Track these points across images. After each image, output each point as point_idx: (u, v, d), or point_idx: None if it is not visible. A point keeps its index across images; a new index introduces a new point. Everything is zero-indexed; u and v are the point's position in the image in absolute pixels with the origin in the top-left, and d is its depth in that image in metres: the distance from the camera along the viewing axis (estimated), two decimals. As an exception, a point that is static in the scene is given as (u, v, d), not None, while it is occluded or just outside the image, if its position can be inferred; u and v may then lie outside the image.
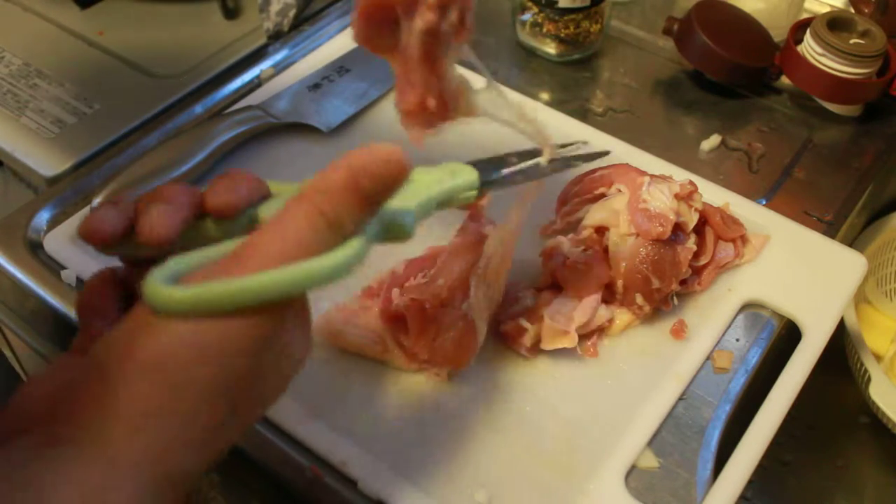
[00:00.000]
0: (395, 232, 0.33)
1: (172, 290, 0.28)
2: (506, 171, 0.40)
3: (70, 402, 0.28)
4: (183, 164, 0.57)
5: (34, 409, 0.29)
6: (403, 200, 0.33)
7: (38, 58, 0.70)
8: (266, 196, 0.34)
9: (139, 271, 0.32)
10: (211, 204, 0.33)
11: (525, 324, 0.48)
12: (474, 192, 0.37)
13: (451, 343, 0.47)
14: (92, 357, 0.30)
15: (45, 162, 0.62)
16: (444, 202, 0.36)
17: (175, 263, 0.29)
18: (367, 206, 0.30)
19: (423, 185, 0.35)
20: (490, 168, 0.40)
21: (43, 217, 0.57)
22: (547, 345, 0.48)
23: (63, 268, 0.54)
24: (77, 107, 0.66)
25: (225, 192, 0.33)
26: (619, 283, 0.50)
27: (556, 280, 0.51)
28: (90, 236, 0.32)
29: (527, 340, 0.48)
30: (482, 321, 0.47)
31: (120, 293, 0.34)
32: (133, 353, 0.28)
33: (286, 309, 0.30)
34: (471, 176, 0.37)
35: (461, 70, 0.40)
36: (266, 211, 0.33)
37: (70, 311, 0.52)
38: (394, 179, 0.30)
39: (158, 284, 0.28)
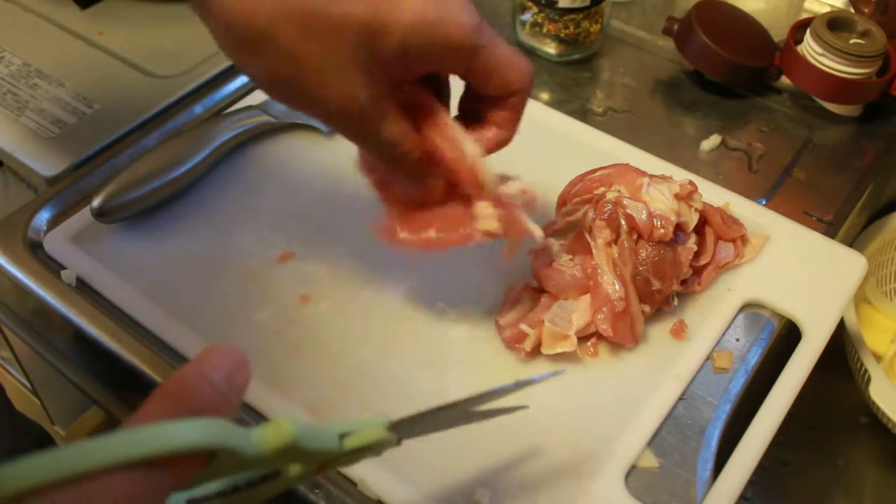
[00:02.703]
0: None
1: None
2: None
3: None
4: (183, 164, 0.57)
5: None
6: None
7: (38, 58, 0.70)
8: None
9: None
10: None
11: (526, 329, 0.48)
12: (383, 432, 0.33)
13: None
14: None
15: (45, 162, 0.61)
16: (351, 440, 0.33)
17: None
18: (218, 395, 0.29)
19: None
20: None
21: (43, 217, 0.57)
22: (547, 349, 0.48)
23: (63, 268, 0.54)
24: (77, 107, 0.66)
25: None
26: (619, 283, 0.50)
27: (537, 279, 0.51)
28: None
29: (527, 345, 0.48)
30: None
31: None
32: None
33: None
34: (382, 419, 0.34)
35: None
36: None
37: (70, 311, 0.52)
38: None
39: None
